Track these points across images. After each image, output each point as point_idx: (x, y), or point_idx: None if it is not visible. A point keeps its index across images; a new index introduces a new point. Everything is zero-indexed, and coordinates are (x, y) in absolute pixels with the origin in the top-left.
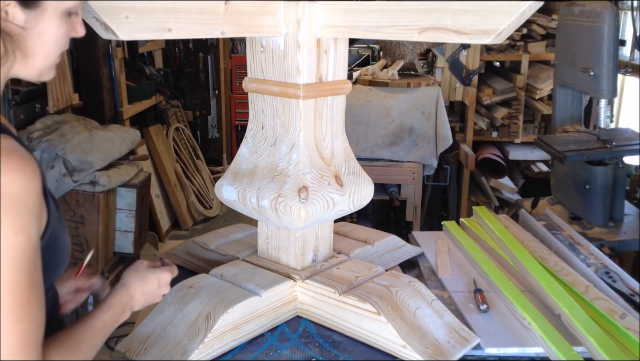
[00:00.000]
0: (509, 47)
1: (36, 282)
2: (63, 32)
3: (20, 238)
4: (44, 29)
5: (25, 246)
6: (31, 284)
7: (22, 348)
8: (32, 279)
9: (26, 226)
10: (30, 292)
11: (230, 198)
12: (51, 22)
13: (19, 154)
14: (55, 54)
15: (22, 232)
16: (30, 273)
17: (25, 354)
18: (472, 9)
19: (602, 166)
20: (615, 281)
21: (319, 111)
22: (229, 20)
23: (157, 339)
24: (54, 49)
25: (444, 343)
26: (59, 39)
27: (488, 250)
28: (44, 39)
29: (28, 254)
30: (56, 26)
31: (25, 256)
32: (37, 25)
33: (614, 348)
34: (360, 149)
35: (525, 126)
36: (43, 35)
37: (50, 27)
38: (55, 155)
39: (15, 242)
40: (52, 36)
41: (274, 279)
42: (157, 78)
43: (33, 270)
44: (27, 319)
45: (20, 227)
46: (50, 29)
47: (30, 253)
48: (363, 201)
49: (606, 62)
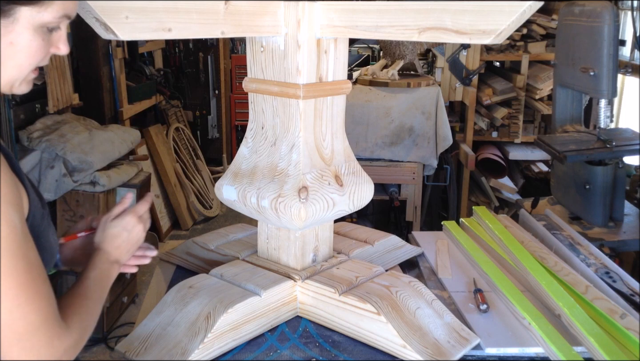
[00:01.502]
0: (509, 47)
1: (34, 262)
2: (37, 45)
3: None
4: (14, 40)
5: (10, 234)
6: (29, 265)
7: (43, 322)
8: (29, 261)
9: (5, 216)
10: (30, 272)
11: (230, 198)
12: (23, 33)
13: None
14: (27, 67)
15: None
16: (24, 256)
17: (48, 326)
18: (472, 9)
19: (602, 166)
20: (615, 281)
21: (319, 111)
22: (229, 20)
23: (157, 339)
24: (26, 61)
25: (444, 343)
26: (31, 52)
27: (488, 250)
28: (14, 50)
29: (16, 240)
30: (29, 39)
31: (13, 243)
32: (8, 35)
33: (614, 348)
34: (360, 149)
35: (525, 126)
36: (14, 46)
37: (22, 39)
38: (55, 155)
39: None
40: (23, 48)
41: (274, 280)
42: (157, 78)
43: (27, 252)
44: (37, 296)
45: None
46: (22, 41)
47: (18, 238)
48: (363, 201)
49: (606, 62)
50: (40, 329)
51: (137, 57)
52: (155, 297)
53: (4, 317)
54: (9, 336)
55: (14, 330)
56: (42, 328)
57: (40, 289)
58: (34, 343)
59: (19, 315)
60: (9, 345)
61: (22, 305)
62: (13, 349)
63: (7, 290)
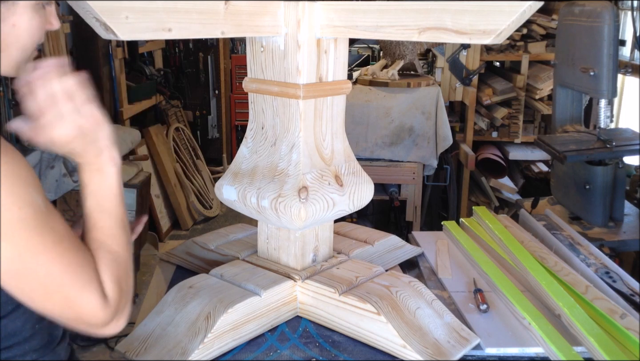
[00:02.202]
0: (509, 47)
1: (64, 233)
2: (37, 23)
3: (26, 210)
4: (17, 21)
5: (34, 214)
6: (60, 238)
7: (88, 285)
8: (59, 234)
9: (27, 197)
10: (61, 244)
11: (230, 198)
12: (23, 14)
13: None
14: (30, 46)
15: (26, 204)
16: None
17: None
18: (472, 9)
19: (602, 166)
20: (615, 281)
21: (319, 111)
22: (229, 20)
23: (157, 339)
24: (29, 41)
25: (444, 343)
26: (33, 30)
27: (488, 250)
28: (18, 32)
29: (41, 218)
30: (29, 18)
31: (38, 222)
32: (10, 18)
33: (614, 348)
34: (360, 149)
35: (525, 126)
36: (16, 27)
37: (23, 19)
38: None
39: (22, 215)
40: (26, 28)
41: (274, 279)
42: (157, 78)
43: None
44: (74, 265)
45: (22, 201)
46: (23, 21)
47: (43, 216)
48: (363, 201)
49: (606, 62)
50: (79, 299)
51: (137, 57)
52: (155, 297)
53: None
54: (55, 308)
55: (56, 302)
56: (80, 297)
57: (73, 260)
58: (80, 311)
59: (55, 288)
60: (59, 314)
61: (56, 278)
62: (64, 317)
63: (39, 266)
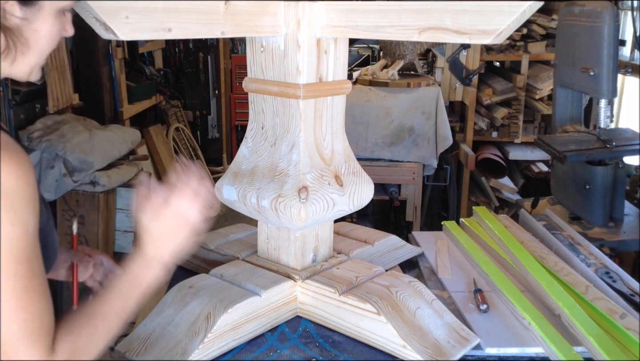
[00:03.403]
0: (509, 47)
1: (36, 271)
2: (56, 30)
3: (16, 228)
4: (39, 27)
5: (22, 236)
6: (30, 273)
7: (24, 335)
8: (31, 269)
9: (22, 217)
10: (30, 280)
11: (230, 198)
12: (47, 19)
13: (14, 148)
14: (47, 52)
15: (18, 223)
16: (28, 262)
17: (29, 341)
18: (472, 9)
19: (602, 166)
20: (615, 281)
21: (319, 111)
22: (229, 20)
23: (157, 339)
24: (47, 46)
25: (444, 343)
26: (52, 36)
27: (488, 250)
28: (39, 37)
29: (25, 245)
30: (51, 24)
31: (22, 246)
32: (34, 23)
33: (614, 348)
34: (360, 149)
35: (525, 126)
36: (38, 32)
37: (45, 25)
38: (55, 155)
39: (11, 233)
40: (46, 33)
41: (274, 280)
42: (157, 78)
43: (32, 259)
44: (28, 307)
45: (16, 218)
46: (45, 27)
47: (28, 243)
48: (363, 201)
49: (606, 62)
50: (20, 343)
51: (137, 57)
52: (155, 297)
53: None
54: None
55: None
56: (22, 342)
57: (34, 300)
58: (10, 355)
59: (3, 322)
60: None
61: (9, 312)
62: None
63: (3, 294)
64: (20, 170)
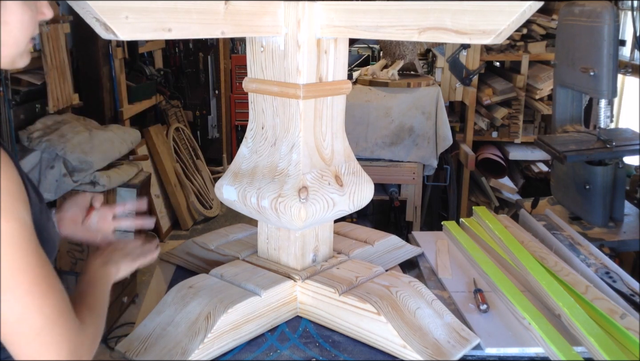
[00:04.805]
0: (509, 47)
1: (43, 258)
2: (29, 17)
3: (13, 224)
4: (7, 19)
5: (21, 230)
6: (40, 261)
7: (59, 316)
8: (39, 257)
9: (15, 211)
10: (42, 268)
11: (230, 198)
12: (13, 10)
13: None
14: (23, 40)
15: (13, 218)
16: (35, 251)
17: (63, 321)
18: (472, 9)
19: (602, 166)
20: (615, 281)
21: (319, 111)
22: (229, 20)
23: (157, 339)
24: (21, 35)
25: (444, 343)
26: (24, 25)
27: (488, 250)
28: (10, 28)
29: (26, 237)
30: (20, 13)
31: (24, 239)
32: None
33: (614, 348)
34: (360, 149)
35: (525, 126)
36: (8, 24)
37: (14, 15)
38: (55, 155)
39: (9, 229)
40: (17, 23)
41: (274, 279)
42: (157, 78)
43: (37, 249)
44: (52, 291)
45: (9, 214)
46: (14, 17)
47: (28, 235)
48: (363, 201)
49: (606, 62)
50: (58, 322)
51: (137, 57)
52: (155, 297)
53: (20, 312)
54: (26, 331)
55: (31, 325)
56: (59, 322)
57: (53, 284)
58: (53, 336)
59: (34, 310)
60: (27, 340)
61: (37, 300)
62: (32, 344)
63: (20, 285)
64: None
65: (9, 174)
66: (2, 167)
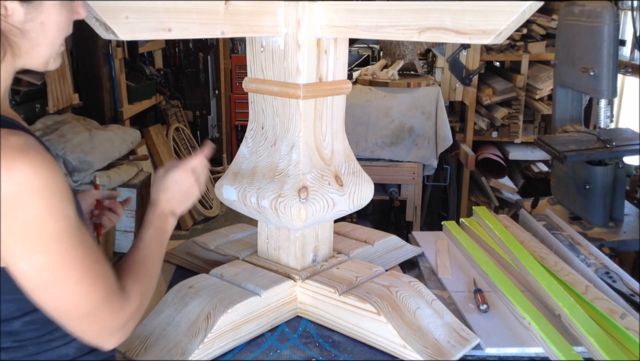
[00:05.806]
0: (509, 47)
1: (91, 247)
2: (65, 18)
3: (61, 222)
4: (45, 19)
5: (68, 226)
6: (87, 251)
7: (104, 299)
8: (86, 248)
9: (62, 210)
10: (89, 257)
11: (230, 198)
12: (51, 11)
13: (35, 149)
14: (58, 41)
15: (61, 217)
16: (82, 244)
17: (110, 302)
18: (472, 9)
19: (602, 166)
20: (615, 281)
21: (319, 111)
22: (229, 20)
23: (157, 339)
24: (57, 35)
25: (444, 343)
26: (61, 25)
27: (488, 250)
28: (47, 28)
29: (73, 232)
30: (57, 14)
31: (71, 235)
32: (39, 17)
33: (614, 348)
34: (360, 149)
35: (525, 126)
36: (45, 25)
37: (51, 16)
38: (55, 155)
39: (58, 228)
40: (54, 24)
41: (274, 279)
42: (157, 78)
43: (83, 240)
44: (97, 277)
45: (58, 214)
46: (51, 18)
47: (75, 230)
48: (363, 201)
49: (606, 62)
50: (102, 306)
51: (137, 57)
52: (155, 297)
53: (71, 299)
54: (76, 316)
55: (80, 311)
56: (104, 305)
57: (100, 270)
58: (98, 319)
59: (82, 297)
60: (77, 323)
61: (85, 288)
62: (80, 326)
63: (71, 276)
64: (47, 167)
65: (55, 174)
66: (49, 168)
